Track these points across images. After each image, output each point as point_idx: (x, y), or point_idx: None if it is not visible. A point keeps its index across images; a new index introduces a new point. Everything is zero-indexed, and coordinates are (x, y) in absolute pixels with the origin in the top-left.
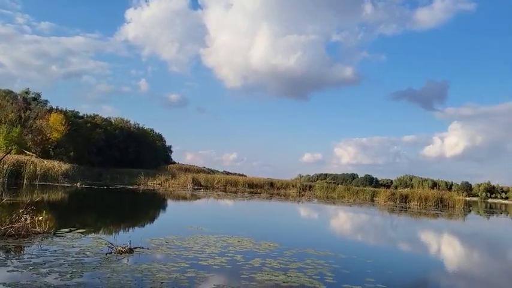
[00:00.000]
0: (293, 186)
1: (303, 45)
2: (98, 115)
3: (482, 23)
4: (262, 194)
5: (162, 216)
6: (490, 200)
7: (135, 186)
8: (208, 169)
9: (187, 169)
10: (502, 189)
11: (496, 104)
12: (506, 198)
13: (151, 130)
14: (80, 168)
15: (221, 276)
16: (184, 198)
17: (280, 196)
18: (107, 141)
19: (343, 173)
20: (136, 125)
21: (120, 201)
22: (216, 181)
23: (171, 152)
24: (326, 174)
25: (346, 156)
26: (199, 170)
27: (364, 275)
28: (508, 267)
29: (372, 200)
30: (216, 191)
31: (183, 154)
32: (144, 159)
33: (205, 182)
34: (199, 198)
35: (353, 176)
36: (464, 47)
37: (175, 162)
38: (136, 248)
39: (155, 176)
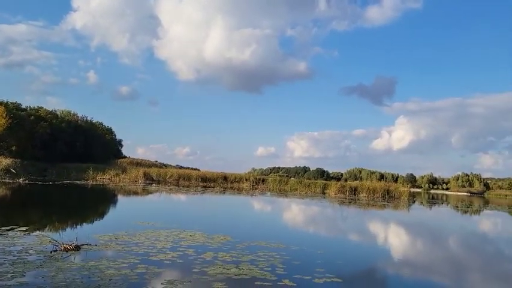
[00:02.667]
0: (246, 179)
1: (257, 39)
2: (42, 107)
3: (428, 21)
4: (215, 188)
5: (111, 212)
6: (432, 191)
7: (84, 182)
8: (161, 163)
9: (138, 163)
10: (443, 180)
11: (438, 100)
12: (447, 189)
13: (101, 123)
14: (23, 163)
15: (172, 271)
16: (136, 193)
17: (234, 190)
18: (53, 135)
19: (296, 166)
20: (84, 118)
21: (67, 197)
22: (168, 175)
23: (122, 146)
24: (279, 168)
25: (298, 150)
26: (151, 164)
27: (315, 266)
28: (447, 254)
29: (323, 193)
30: (169, 186)
31: (134, 148)
32: (92, 153)
33: (157, 177)
34: (151, 193)
35: (305, 169)
36: (410, 44)
37: (126, 157)
38: (83, 244)
39: (105, 171)
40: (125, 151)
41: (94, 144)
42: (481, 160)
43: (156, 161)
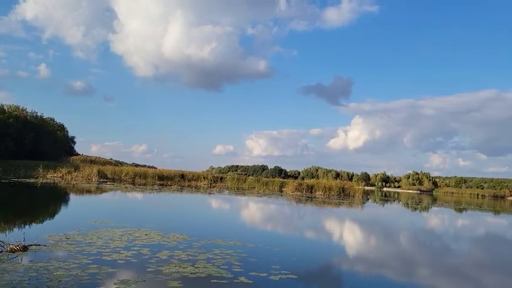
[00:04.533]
0: (204, 178)
1: (217, 37)
2: None
3: (383, 24)
4: (172, 186)
5: (62, 211)
6: (385, 189)
7: (33, 180)
8: (116, 161)
9: (92, 161)
10: (395, 178)
11: (392, 101)
12: (399, 187)
13: (52, 119)
14: None
15: (126, 270)
16: (89, 191)
17: (191, 188)
18: None
19: (254, 165)
20: (34, 114)
21: (14, 196)
22: (123, 173)
23: (75, 143)
24: (237, 166)
25: (257, 148)
26: (106, 162)
27: (271, 263)
28: (398, 249)
29: (281, 191)
30: (124, 184)
31: (88, 145)
32: (42, 150)
33: (112, 175)
34: (105, 191)
35: (263, 168)
36: (366, 46)
37: (79, 154)
38: (31, 245)
39: (56, 169)
40: (78, 148)
41: (44, 141)
42: (431, 159)
43: (111, 159)
